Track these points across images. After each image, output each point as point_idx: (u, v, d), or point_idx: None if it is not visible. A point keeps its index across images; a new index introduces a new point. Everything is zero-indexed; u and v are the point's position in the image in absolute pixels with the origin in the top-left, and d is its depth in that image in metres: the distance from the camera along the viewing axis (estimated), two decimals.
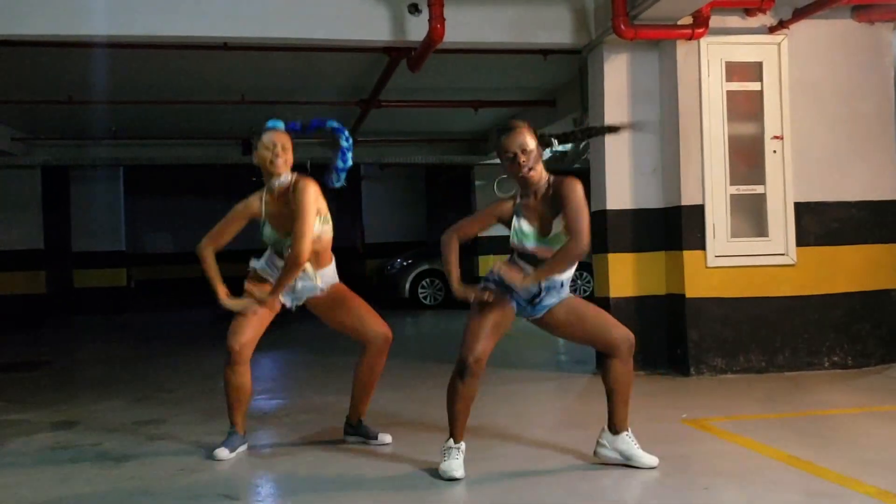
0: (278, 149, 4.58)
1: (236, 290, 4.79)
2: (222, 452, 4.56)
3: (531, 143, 4.02)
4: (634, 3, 6.47)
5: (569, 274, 4.10)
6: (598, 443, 4.26)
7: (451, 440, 4.15)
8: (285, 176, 4.62)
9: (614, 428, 4.20)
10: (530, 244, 4.07)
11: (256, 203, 4.71)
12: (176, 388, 7.05)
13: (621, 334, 4.13)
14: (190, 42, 7.08)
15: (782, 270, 6.81)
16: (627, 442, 4.17)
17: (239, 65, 8.74)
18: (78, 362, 9.69)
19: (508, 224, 4.13)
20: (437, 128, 13.65)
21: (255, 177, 18.98)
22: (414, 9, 6.81)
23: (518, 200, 4.15)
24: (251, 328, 4.60)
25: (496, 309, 4.06)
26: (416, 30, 6.81)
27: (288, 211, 4.57)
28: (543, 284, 4.03)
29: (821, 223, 6.87)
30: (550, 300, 4.13)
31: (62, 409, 6.24)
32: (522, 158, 4.00)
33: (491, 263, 15.36)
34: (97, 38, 6.78)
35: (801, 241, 6.82)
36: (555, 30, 7.12)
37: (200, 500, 3.90)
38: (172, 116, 11.88)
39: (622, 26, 6.50)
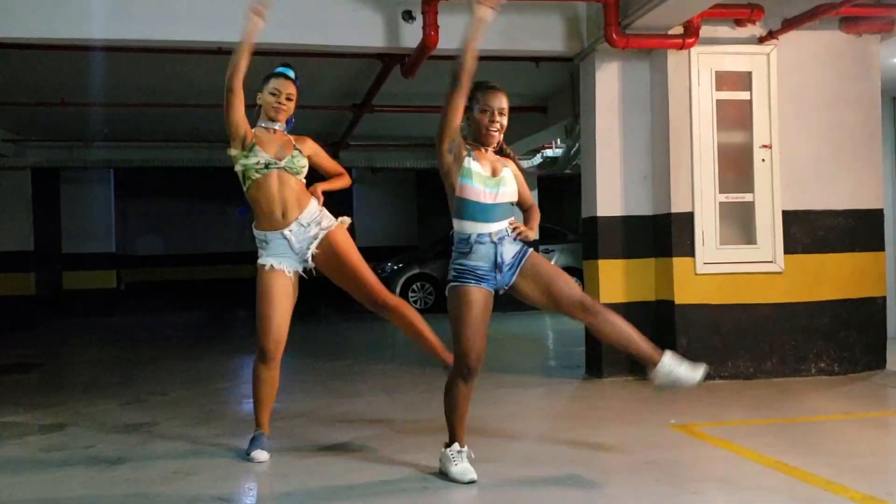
0: (283, 97, 4.67)
1: (234, 291, 4.81)
2: (261, 455, 4.60)
3: (507, 108, 4.20)
4: (626, 12, 6.55)
5: (503, 225, 4.15)
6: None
7: (456, 444, 4.19)
8: (280, 125, 4.71)
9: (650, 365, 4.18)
10: (475, 185, 4.07)
11: (249, 129, 4.61)
12: (168, 391, 7.07)
13: (579, 293, 4.17)
14: (184, 47, 7.11)
15: (770, 278, 6.88)
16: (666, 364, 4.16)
17: None
18: (69, 364, 9.69)
19: (457, 158, 4.11)
20: (428, 133, 13.59)
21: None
22: (408, 16, 6.87)
23: (468, 148, 4.17)
24: (281, 324, 4.61)
25: (481, 303, 4.10)
26: (411, 37, 6.86)
27: (281, 142, 4.65)
28: (496, 237, 4.09)
29: (808, 231, 6.95)
30: (509, 255, 4.13)
31: (54, 411, 6.25)
32: (498, 118, 4.15)
33: None
34: (92, 42, 6.80)
35: (789, 248, 6.90)
36: (547, 37, 7.18)
37: (195, 502, 3.94)
38: (164, 119, 11.89)
39: (614, 35, 6.57)
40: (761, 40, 6.91)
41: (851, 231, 7.03)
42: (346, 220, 4.80)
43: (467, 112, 4.17)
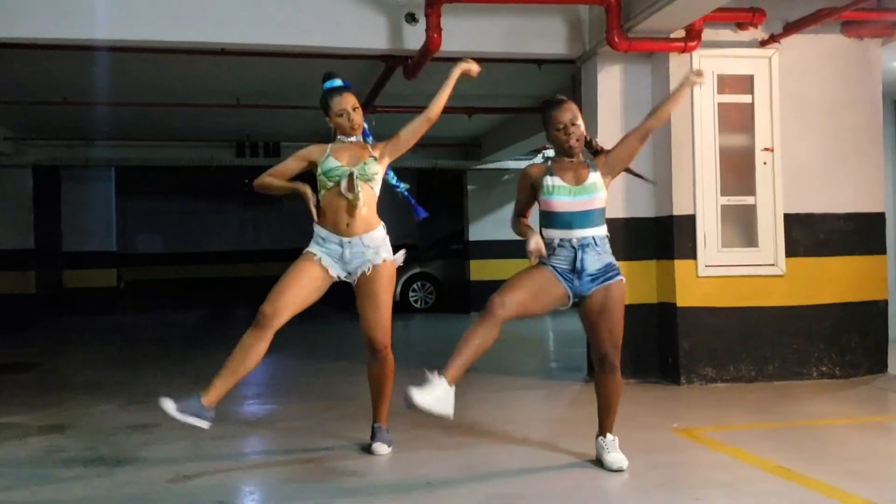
0: (351, 114, 4.65)
1: (234, 289, 4.80)
2: (167, 404, 4.23)
3: (578, 113, 4.32)
4: (628, 16, 6.54)
5: (603, 231, 4.26)
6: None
7: (444, 377, 3.90)
8: (355, 137, 4.74)
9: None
10: (561, 198, 4.22)
11: (318, 150, 4.68)
12: (168, 392, 7.03)
13: (614, 348, 4.33)
14: (187, 47, 7.10)
15: (772, 281, 6.88)
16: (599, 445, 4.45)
17: (235, 69, 8.76)
18: (68, 364, 9.67)
19: (538, 188, 4.30)
20: (430, 132, 13.60)
21: (247, 179, 19.06)
22: (411, 18, 6.87)
23: (549, 164, 4.35)
24: (291, 294, 4.46)
25: (544, 277, 4.20)
26: (413, 39, 6.86)
27: (356, 151, 4.68)
28: (577, 243, 4.18)
29: (810, 234, 6.95)
30: (592, 265, 4.20)
31: (53, 411, 6.25)
32: (572, 128, 4.26)
33: (482, 268, 15.32)
34: (95, 42, 6.79)
35: (791, 251, 6.90)
36: (549, 40, 7.18)
37: None
38: (166, 118, 11.88)
39: (616, 38, 6.56)
40: (763, 44, 6.90)
41: (853, 234, 7.02)
42: (402, 257, 4.77)
43: (546, 132, 4.35)
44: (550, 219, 4.28)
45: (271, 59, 8.10)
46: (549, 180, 4.26)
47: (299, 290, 4.50)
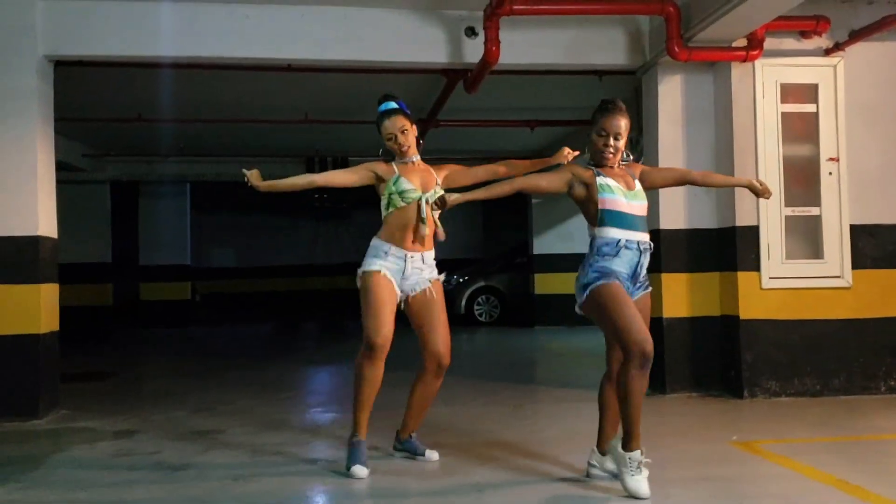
0: (399, 137, 4.68)
1: (305, 303, 4.91)
2: (361, 471, 4.50)
3: (625, 129, 4.19)
4: (689, 25, 6.51)
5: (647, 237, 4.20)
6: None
7: (636, 450, 4.00)
8: (415, 156, 4.78)
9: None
10: (621, 198, 4.14)
11: (384, 166, 4.74)
12: (235, 400, 7.23)
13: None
14: (255, 63, 7.31)
15: (838, 293, 6.75)
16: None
17: (302, 84, 8.97)
18: (142, 374, 9.98)
19: (586, 186, 4.19)
20: (494, 146, 13.75)
21: (316, 193, 19.25)
22: (471, 32, 6.95)
23: (594, 168, 4.24)
24: (389, 318, 4.57)
25: (628, 296, 4.11)
26: (473, 52, 6.94)
27: (423, 174, 4.75)
28: (642, 247, 4.15)
29: (877, 246, 6.80)
30: (645, 268, 4.20)
31: (125, 418, 6.45)
32: (612, 143, 4.18)
33: (547, 282, 15.26)
34: (164, 59, 7.05)
35: (857, 263, 6.75)
36: (610, 51, 7.19)
37: None
38: (238, 134, 12.20)
39: (676, 48, 6.54)
40: (828, 52, 6.80)
41: None
42: (443, 276, 4.93)
43: (590, 129, 4.26)
44: (614, 218, 4.13)
45: (337, 75, 8.27)
46: (602, 180, 4.16)
47: (392, 309, 4.62)
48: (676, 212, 7.07)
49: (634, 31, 7.14)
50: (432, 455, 4.88)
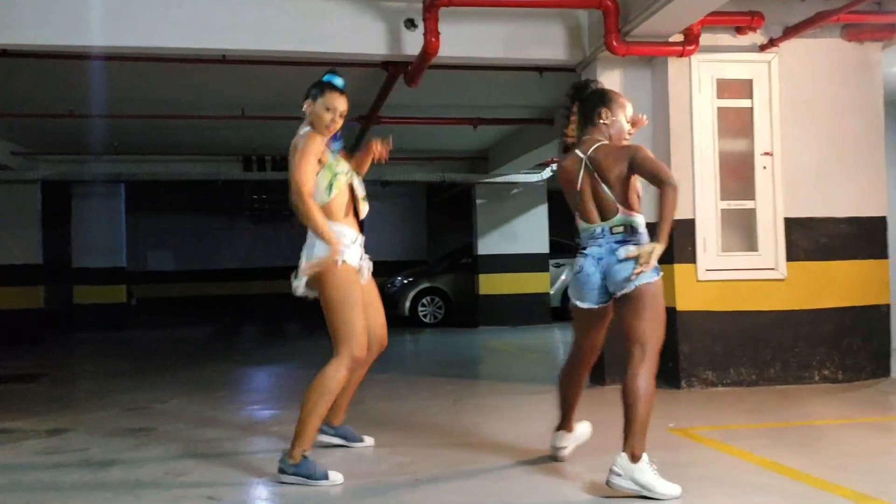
0: (337, 115, 4.46)
1: (243, 307, 4.79)
2: (337, 476, 4.18)
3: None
4: (626, 20, 6.55)
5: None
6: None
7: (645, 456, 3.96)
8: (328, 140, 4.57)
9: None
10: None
11: (319, 145, 4.42)
12: (169, 399, 7.07)
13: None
14: (188, 54, 7.16)
15: (772, 285, 6.84)
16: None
17: (238, 78, 8.82)
18: (75, 375, 9.71)
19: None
20: (437, 145, 13.72)
21: (255, 194, 19.04)
22: (410, 23, 6.91)
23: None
24: (365, 327, 4.36)
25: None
26: (413, 44, 6.89)
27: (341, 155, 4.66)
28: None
29: (810, 238, 6.92)
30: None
31: (54, 418, 6.25)
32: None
33: (491, 282, 15.29)
34: (94, 49, 6.85)
35: (791, 256, 6.86)
36: (549, 46, 7.20)
37: (182, 501, 3.93)
38: (173, 132, 11.96)
39: (614, 42, 6.57)
40: (762, 48, 6.90)
41: (854, 238, 6.98)
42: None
43: (608, 111, 4.44)
44: (640, 203, 4.29)
45: (275, 69, 8.14)
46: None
47: (364, 311, 4.37)
48: None
49: (574, 26, 7.17)
50: (368, 440, 4.82)
